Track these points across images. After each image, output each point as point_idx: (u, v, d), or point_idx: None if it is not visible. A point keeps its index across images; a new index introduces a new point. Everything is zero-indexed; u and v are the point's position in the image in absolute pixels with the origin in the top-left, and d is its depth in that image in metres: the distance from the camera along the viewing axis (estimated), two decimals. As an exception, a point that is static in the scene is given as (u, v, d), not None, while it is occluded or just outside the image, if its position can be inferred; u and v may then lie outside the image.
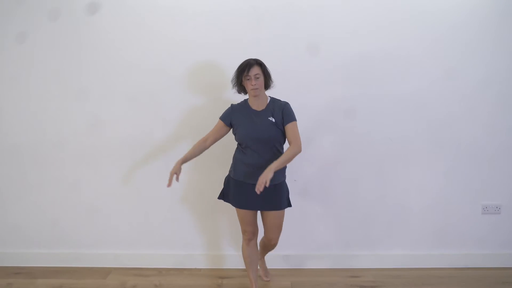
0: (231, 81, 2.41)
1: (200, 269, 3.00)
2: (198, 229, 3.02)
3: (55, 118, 2.97)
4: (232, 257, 3.01)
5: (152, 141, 2.94)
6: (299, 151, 2.28)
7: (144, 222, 3.02)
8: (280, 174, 2.38)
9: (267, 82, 2.38)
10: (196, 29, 2.93)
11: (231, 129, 2.45)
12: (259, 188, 2.09)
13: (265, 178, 2.10)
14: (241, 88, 2.39)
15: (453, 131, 2.94)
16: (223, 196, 2.54)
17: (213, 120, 2.53)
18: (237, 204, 2.44)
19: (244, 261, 2.57)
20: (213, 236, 3.04)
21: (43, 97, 3.01)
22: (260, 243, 2.70)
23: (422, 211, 3.00)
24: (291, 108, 2.36)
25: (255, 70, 2.28)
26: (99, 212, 3.01)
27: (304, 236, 3.00)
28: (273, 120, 2.32)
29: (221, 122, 2.44)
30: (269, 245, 2.60)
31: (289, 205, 2.48)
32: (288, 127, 2.31)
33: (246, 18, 2.84)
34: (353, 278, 2.86)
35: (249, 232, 2.50)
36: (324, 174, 2.97)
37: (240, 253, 2.86)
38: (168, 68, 2.94)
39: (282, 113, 2.33)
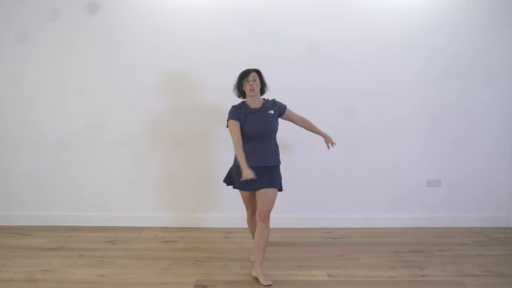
0: (233, 86, 2.90)
1: (212, 228, 3.94)
2: (210, 198, 3.94)
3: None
4: (236, 219, 3.89)
5: (175, 131, 3.85)
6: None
7: (169, 192, 3.94)
8: (277, 158, 2.90)
9: (263, 88, 2.93)
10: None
11: None
12: (331, 141, 3.09)
13: (330, 140, 3.09)
14: (241, 93, 2.91)
15: (406, 124, 3.84)
16: (229, 181, 3.01)
17: (210, 118, 3.25)
18: (243, 188, 2.87)
19: (249, 229, 3.13)
20: (221, 203, 3.93)
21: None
22: (255, 238, 2.88)
23: (381, 184, 3.91)
24: (279, 101, 2.97)
25: (253, 74, 2.83)
26: (135, 184, 3.93)
27: (289, 203, 3.87)
28: (272, 112, 2.87)
29: (235, 122, 2.82)
30: (259, 223, 2.82)
31: (281, 189, 2.93)
32: (288, 112, 2.98)
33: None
34: (326, 233, 3.80)
35: (251, 210, 3.02)
36: (305, 155, 3.87)
37: (242, 215, 3.77)
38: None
39: (276, 106, 2.91)
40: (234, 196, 3.74)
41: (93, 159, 3.91)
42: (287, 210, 3.90)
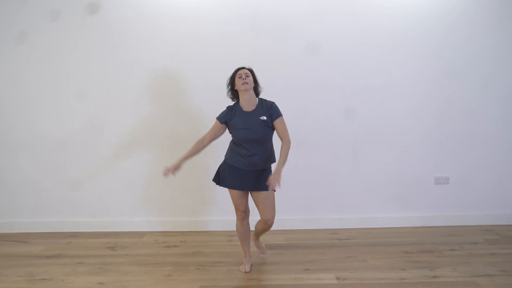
0: (227, 86, 2.81)
1: (214, 231, 3.83)
2: (212, 200, 3.82)
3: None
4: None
5: (174, 132, 3.74)
6: (290, 144, 2.66)
7: (170, 195, 3.82)
8: (269, 162, 2.78)
9: (257, 87, 2.78)
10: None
11: (227, 128, 2.81)
12: (273, 188, 2.48)
13: (276, 180, 2.48)
14: (234, 94, 2.78)
15: (412, 120, 3.73)
16: (218, 180, 2.88)
17: (211, 118, 3.12)
18: (231, 186, 2.79)
19: (238, 237, 2.98)
20: (223, 205, 3.77)
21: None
22: (256, 226, 2.98)
23: (387, 182, 3.80)
24: (276, 106, 2.72)
25: (245, 71, 2.71)
26: (134, 187, 3.82)
27: (294, 203, 3.79)
28: (264, 118, 2.67)
29: (218, 123, 2.78)
30: (265, 226, 2.85)
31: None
32: (277, 123, 2.68)
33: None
34: (332, 234, 3.68)
35: (242, 212, 2.86)
36: (309, 154, 3.75)
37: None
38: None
39: (270, 110, 2.69)
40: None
41: (92, 162, 3.79)
42: (291, 211, 3.80)
